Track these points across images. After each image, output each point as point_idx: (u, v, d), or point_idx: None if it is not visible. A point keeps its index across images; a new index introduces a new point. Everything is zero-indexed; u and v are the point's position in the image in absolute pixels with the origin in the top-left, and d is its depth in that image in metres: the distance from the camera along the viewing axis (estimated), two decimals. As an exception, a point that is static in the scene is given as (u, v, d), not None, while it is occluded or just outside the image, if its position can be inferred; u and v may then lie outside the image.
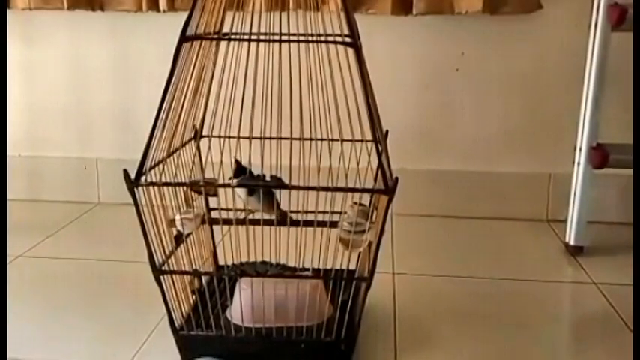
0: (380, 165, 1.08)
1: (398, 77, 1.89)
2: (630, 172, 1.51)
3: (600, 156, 1.59)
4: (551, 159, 1.89)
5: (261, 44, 1.02)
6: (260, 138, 1.08)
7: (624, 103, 1.58)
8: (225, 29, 1.11)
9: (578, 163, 1.64)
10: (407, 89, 1.90)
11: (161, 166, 1.06)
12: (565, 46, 1.82)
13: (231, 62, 1.04)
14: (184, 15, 1.05)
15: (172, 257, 1.10)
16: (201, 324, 1.11)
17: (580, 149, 1.64)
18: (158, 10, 1.88)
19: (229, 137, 1.16)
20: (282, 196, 1.15)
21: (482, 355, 1.19)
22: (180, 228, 1.11)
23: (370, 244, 1.08)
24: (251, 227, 1.11)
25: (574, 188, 1.66)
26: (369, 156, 1.09)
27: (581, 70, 1.62)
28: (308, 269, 1.14)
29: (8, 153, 2.06)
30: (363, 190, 1.04)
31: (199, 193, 1.20)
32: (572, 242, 1.67)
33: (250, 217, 1.14)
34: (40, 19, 1.97)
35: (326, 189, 1.01)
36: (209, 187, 1.11)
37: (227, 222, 1.17)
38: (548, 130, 1.89)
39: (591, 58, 1.59)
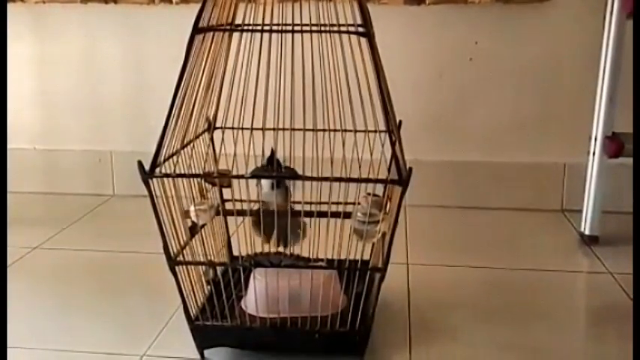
0: (393, 155, 1.08)
1: (411, 67, 1.88)
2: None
3: (615, 145, 1.58)
4: (566, 148, 1.88)
5: (274, 35, 1.02)
6: (273, 129, 1.08)
7: (640, 92, 1.57)
8: (238, 20, 1.11)
9: (594, 153, 1.63)
10: (420, 79, 1.89)
11: (175, 157, 1.06)
12: (579, 34, 1.80)
13: (243, 53, 1.04)
14: (197, 7, 1.05)
15: (187, 248, 1.10)
16: (216, 314, 1.11)
17: (595, 138, 1.63)
18: (170, 2, 1.88)
19: (243, 129, 1.16)
20: (295, 187, 1.15)
21: (498, 345, 1.18)
22: (194, 219, 1.12)
23: (384, 234, 1.08)
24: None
25: (589, 178, 1.65)
26: (383, 146, 1.09)
27: (596, 58, 1.61)
28: (322, 260, 1.14)
29: (23, 146, 2.08)
30: (377, 181, 1.04)
31: (213, 185, 1.20)
32: (587, 232, 1.66)
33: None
34: (54, 12, 1.98)
35: (339, 179, 1.01)
36: (223, 179, 1.12)
37: (241, 213, 1.17)
38: (563, 119, 1.87)
39: (606, 46, 1.58)
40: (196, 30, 1.04)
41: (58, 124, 2.07)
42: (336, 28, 1.04)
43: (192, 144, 1.14)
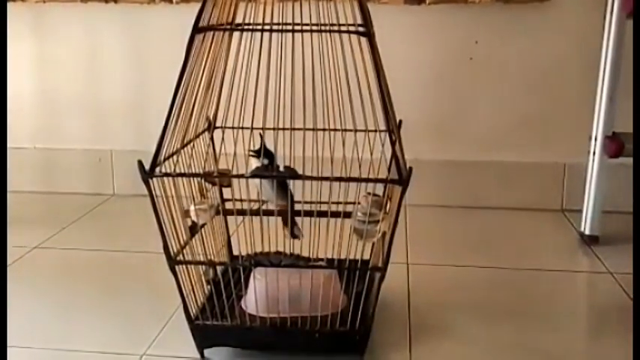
0: (394, 155, 1.08)
1: (411, 67, 1.88)
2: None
3: (616, 145, 1.58)
4: (566, 148, 1.88)
5: (274, 34, 1.02)
6: (273, 129, 1.08)
7: (640, 92, 1.56)
8: (238, 20, 1.11)
9: (594, 153, 1.63)
10: (420, 79, 1.89)
11: (175, 157, 1.06)
12: (580, 33, 1.80)
13: (244, 53, 1.04)
14: (197, 6, 1.05)
15: (187, 247, 1.10)
16: (216, 314, 1.11)
17: (595, 138, 1.63)
18: (171, 2, 1.89)
19: (243, 128, 1.16)
20: (295, 186, 1.15)
21: (497, 345, 1.18)
22: (194, 218, 1.12)
23: (384, 234, 1.08)
24: (265, 217, 1.12)
25: (589, 178, 1.65)
26: (383, 146, 1.09)
27: (596, 58, 1.61)
28: (322, 260, 1.14)
29: (23, 145, 2.07)
30: (377, 180, 1.04)
31: (213, 184, 1.20)
32: (587, 232, 1.66)
33: (264, 207, 1.15)
34: (54, 11, 1.98)
35: (339, 179, 1.01)
36: (223, 178, 1.12)
37: (241, 212, 1.17)
38: (563, 119, 1.87)
39: (606, 46, 1.58)
40: (196, 29, 1.04)
41: (59, 123, 2.07)
42: (336, 28, 1.04)
43: (192, 143, 1.14)
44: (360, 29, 1.03)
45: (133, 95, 2.02)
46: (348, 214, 1.09)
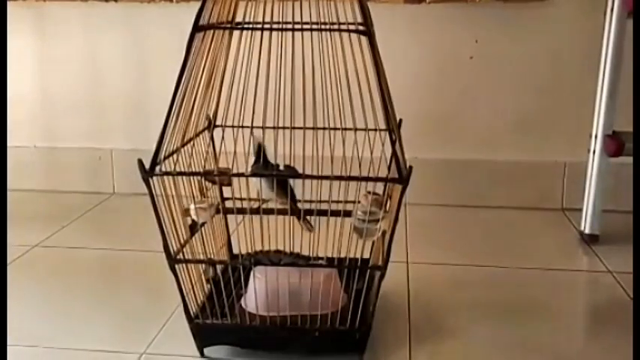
0: (394, 154, 1.08)
1: (411, 65, 1.88)
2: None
3: (616, 144, 1.58)
4: (566, 147, 1.88)
5: (274, 33, 1.02)
6: (273, 127, 1.08)
7: (640, 91, 1.56)
8: (238, 18, 1.11)
9: (594, 151, 1.63)
10: (420, 77, 1.89)
11: (175, 155, 1.06)
12: (580, 32, 1.80)
13: (244, 51, 1.04)
14: (197, 4, 1.05)
15: (187, 246, 1.10)
16: (216, 313, 1.11)
17: (595, 137, 1.63)
18: (171, 0, 1.88)
19: (243, 127, 1.16)
20: (295, 185, 1.15)
21: (497, 343, 1.18)
22: (194, 217, 1.12)
23: (384, 233, 1.08)
24: (265, 216, 1.12)
25: (589, 176, 1.65)
26: (383, 145, 1.09)
27: (596, 57, 1.61)
28: (322, 258, 1.14)
29: (23, 144, 2.07)
30: (377, 179, 1.04)
31: (213, 183, 1.20)
32: (587, 231, 1.66)
33: (264, 206, 1.15)
34: (54, 10, 1.98)
35: (340, 178, 1.01)
36: (223, 177, 1.12)
37: (241, 211, 1.17)
38: (563, 117, 1.87)
39: (607, 44, 1.58)
40: (197, 28, 1.04)
41: (59, 121, 2.07)
42: (336, 27, 1.04)
43: (192, 142, 1.14)
44: (360, 28, 1.03)
45: (133, 94, 2.02)
46: (348, 213, 1.09)
